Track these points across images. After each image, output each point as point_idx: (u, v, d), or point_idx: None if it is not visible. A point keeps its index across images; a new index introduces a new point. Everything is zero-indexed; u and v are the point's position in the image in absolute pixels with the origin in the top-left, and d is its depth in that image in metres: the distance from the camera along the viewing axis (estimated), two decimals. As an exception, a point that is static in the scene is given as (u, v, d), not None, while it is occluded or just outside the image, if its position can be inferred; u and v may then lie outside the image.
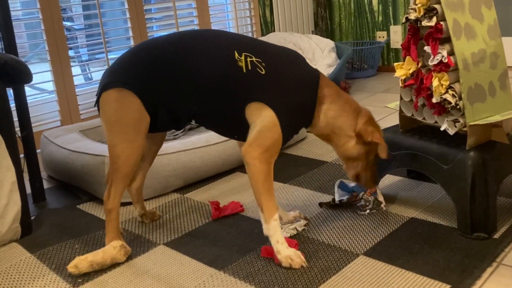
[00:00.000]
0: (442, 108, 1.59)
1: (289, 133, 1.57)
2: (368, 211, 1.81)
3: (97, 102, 1.62)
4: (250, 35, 4.16)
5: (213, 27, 3.85)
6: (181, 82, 1.54)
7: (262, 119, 1.51)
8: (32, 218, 1.95)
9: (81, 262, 1.56)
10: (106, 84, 1.58)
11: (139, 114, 1.56)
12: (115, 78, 1.57)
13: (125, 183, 1.63)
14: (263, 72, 1.52)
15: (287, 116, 1.52)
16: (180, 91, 1.55)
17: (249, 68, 1.52)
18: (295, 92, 1.54)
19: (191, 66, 1.53)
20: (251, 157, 1.49)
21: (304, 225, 1.73)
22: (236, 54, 1.53)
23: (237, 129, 1.59)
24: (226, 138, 2.25)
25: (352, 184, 1.90)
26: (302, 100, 1.55)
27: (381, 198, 1.84)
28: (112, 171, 1.61)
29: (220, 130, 1.66)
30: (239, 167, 2.34)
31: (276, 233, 1.51)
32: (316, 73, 1.60)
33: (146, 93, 1.56)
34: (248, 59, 1.53)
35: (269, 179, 1.50)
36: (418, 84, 1.65)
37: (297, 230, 1.70)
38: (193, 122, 1.67)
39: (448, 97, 1.54)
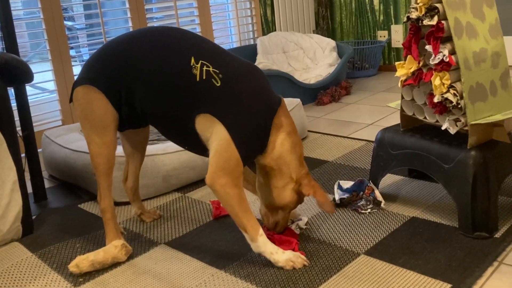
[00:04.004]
0: (443, 107, 1.59)
1: (245, 153, 1.47)
2: (369, 210, 1.81)
3: (71, 100, 1.64)
4: (251, 34, 4.16)
5: (214, 27, 3.86)
6: (137, 80, 1.53)
7: (215, 136, 1.45)
8: (33, 217, 1.95)
9: (82, 262, 1.56)
10: (76, 82, 1.61)
11: (104, 110, 1.56)
12: (84, 75, 1.60)
13: (108, 180, 1.63)
14: (218, 84, 1.47)
15: (240, 133, 1.45)
16: (136, 89, 1.54)
17: (204, 77, 1.47)
18: (250, 110, 1.47)
19: (149, 64, 1.52)
20: (219, 185, 1.44)
21: (305, 224, 1.73)
22: (193, 60, 1.49)
23: (187, 139, 1.55)
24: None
25: (347, 185, 1.90)
26: (257, 120, 1.47)
27: (379, 198, 1.84)
28: (93, 169, 1.63)
29: (171, 137, 1.61)
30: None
31: (267, 247, 1.49)
32: (278, 99, 1.55)
33: (111, 89, 1.56)
34: (204, 68, 1.48)
35: (243, 200, 1.47)
36: (416, 84, 1.65)
37: (299, 228, 1.70)
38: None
39: (449, 96, 1.54)
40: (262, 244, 1.49)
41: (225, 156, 1.44)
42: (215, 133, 1.46)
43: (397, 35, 4.17)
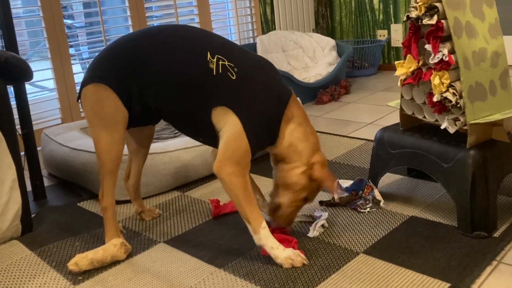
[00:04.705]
0: (442, 107, 1.59)
1: (255, 144, 1.50)
2: (368, 209, 1.81)
3: (79, 98, 1.64)
4: (251, 33, 4.16)
5: (214, 25, 3.85)
6: (150, 77, 1.54)
7: (228, 127, 1.48)
8: (33, 215, 1.95)
9: (81, 260, 1.56)
10: (85, 80, 1.60)
11: (114, 108, 1.57)
12: (93, 73, 1.59)
13: (113, 178, 1.64)
14: (234, 78, 1.49)
15: (253, 125, 1.48)
16: (149, 87, 1.55)
17: (220, 71, 1.50)
18: (263, 103, 1.50)
19: (162, 61, 1.53)
20: (225, 173, 1.46)
21: (325, 219, 1.73)
22: (209, 55, 1.51)
23: (202, 131, 1.57)
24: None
25: (347, 185, 1.90)
26: (269, 112, 1.51)
27: (379, 197, 1.84)
28: (99, 167, 1.63)
29: (187, 131, 1.63)
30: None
31: (268, 240, 1.50)
32: (288, 91, 1.58)
33: (121, 87, 1.56)
34: (220, 62, 1.50)
35: (247, 190, 1.48)
36: (416, 84, 1.65)
37: (324, 227, 1.70)
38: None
39: (448, 95, 1.54)
40: (264, 237, 1.50)
41: (234, 145, 1.46)
42: (228, 124, 1.48)
43: (397, 34, 4.17)
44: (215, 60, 1.51)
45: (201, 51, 1.52)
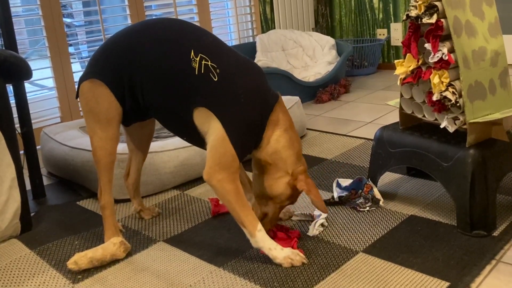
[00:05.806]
0: (442, 106, 1.59)
1: (241, 148, 1.48)
2: (367, 208, 1.81)
3: (78, 95, 1.65)
4: (250, 32, 4.16)
5: (213, 24, 3.85)
6: (139, 72, 1.54)
7: (211, 132, 1.47)
8: (32, 214, 1.95)
9: (80, 259, 1.56)
10: (82, 77, 1.62)
11: (108, 103, 1.58)
12: (89, 69, 1.61)
13: (109, 176, 1.64)
14: (216, 79, 1.48)
15: (236, 128, 1.46)
16: (138, 81, 1.55)
17: (202, 71, 1.48)
18: (245, 107, 1.48)
19: (151, 56, 1.53)
20: (215, 180, 1.46)
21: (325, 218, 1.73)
22: (192, 54, 1.50)
23: (185, 130, 1.57)
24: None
25: (346, 183, 1.90)
26: (252, 116, 1.48)
27: (378, 196, 1.84)
28: (95, 164, 1.64)
29: (171, 128, 1.63)
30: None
31: (265, 242, 1.49)
32: (275, 95, 1.56)
33: (115, 82, 1.56)
34: (203, 62, 1.49)
35: (240, 195, 1.48)
36: (415, 83, 1.65)
37: (322, 226, 1.70)
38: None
39: (448, 94, 1.54)
40: (261, 240, 1.49)
41: (220, 151, 1.45)
42: (211, 128, 1.48)
43: (397, 33, 4.16)
44: (198, 59, 1.49)
45: (186, 48, 1.51)
